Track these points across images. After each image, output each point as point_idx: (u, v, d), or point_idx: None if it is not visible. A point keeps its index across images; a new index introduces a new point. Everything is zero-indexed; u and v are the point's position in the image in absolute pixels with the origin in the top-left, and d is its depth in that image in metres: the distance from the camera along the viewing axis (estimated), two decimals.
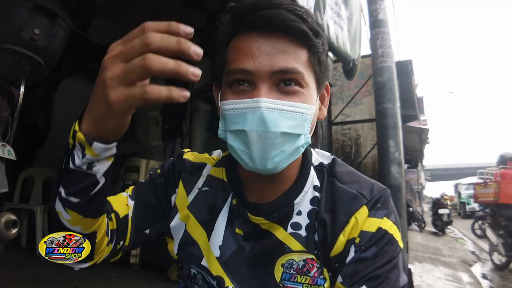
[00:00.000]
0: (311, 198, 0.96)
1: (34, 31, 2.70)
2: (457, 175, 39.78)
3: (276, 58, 0.82)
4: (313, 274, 0.92)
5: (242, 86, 0.84)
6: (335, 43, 3.79)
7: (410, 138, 11.19)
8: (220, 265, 0.98)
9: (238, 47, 0.86)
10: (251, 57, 0.82)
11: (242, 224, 0.98)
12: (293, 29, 0.82)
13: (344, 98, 6.40)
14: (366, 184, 0.96)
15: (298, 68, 0.83)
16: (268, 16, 0.81)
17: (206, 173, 1.08)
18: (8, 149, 2.49)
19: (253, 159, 0.83)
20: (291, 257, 0.94)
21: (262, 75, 0.82)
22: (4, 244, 2.30)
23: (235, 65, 0.84)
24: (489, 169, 8.68)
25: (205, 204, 1.03)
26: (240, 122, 0.82)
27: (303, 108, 0.84)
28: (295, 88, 0.84)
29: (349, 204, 0.91)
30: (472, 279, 6.77)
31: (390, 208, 0.93)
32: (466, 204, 22.39)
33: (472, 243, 11.91)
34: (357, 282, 0.84)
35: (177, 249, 1.05)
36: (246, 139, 0.82)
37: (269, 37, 0.83)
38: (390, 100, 4.44)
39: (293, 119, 0.83)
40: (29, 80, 2.94)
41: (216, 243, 0.99)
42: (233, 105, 0.84)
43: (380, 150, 4.49)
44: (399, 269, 0.88)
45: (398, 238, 0.90)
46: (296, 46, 0.84)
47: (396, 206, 3.31)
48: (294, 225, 0.95)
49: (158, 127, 6.21)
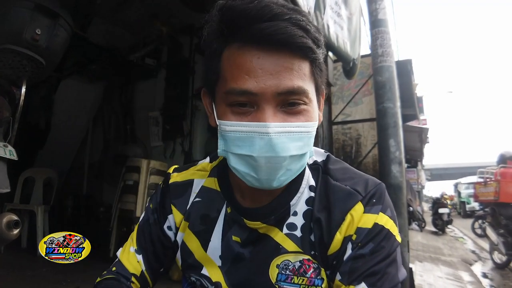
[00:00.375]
0: (307, 198, 0.96)
1: (36, 31, 2.70)
2: (457, 175, 39.78)
3: (281, 77, 0.78)
4: (310, 275, 0.92)
5: (245, 108, 0.81)
6: (335, 42, 3.80)
7: (410, 138, 11.19)
8: (221, 273, 1.00)
9: (237, 62, 0.80)
10: (254, 76, 0.78)
11: (239, 232, 0.98)
12: (298, 45, 0.78)
13: (345, 97, 6.41)
14: (361, 180, 0.95)
15: (303, 86, 0.80)
16: (272, 31, 0.75)
17: (197, 187, 1.08)
18: (10, 150, 2.49)
19: (260, 181, 0.82)
20: (287, 258, 0.94)
21: (267, 97, 0.78)
22: (5, 244, 2.29)
23: (236, 85, 0.79)
24: (489, 168, 8.67)
25: (198, 214, 1.04)
26: (246, 146, 0.80)
27: (309, 127, 0.83)
28: (300, 108, 0.82)
29: (344, 201, 0.90)
30: (472, 278, 6.77)
31: (386, 202, 0.92)
32: (466, 204, 22.39)
33: (472, 242, 11.90)
34: (355, 279, 0.84)
35: (180, 260, 1.08)
36: (254, 164, 0.80)
37: (271, 53, 0.78)
38: (390, 99, 4.44)
39: (300, 140, 0.82)
40: (31, 80, 2.94)
41: (216, 253, 1.00)
42: (237, 127, 0.81)
43: (381, 150, 4.49)
44: (397, 264, 0.88)
45: (395, 232, 0.89)
46: (300, 61, 0.80)
47: (397, 205, 3.30)
48: (289, 225, 0.95)
49: (159, 127, 6.20)
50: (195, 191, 1.07)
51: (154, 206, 1.11)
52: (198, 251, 1.03)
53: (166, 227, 1.08)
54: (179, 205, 1.07)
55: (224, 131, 0.83)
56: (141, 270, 1.06)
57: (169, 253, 1.10)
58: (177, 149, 5.84)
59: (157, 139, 6.24)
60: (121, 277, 1.04)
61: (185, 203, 1.07)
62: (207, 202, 1.04)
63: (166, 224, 1.08)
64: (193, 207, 1.05)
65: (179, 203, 1.07)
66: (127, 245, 1.11)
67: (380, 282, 0.83)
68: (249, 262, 0.97)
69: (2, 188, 2.37)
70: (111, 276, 1.03)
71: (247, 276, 0.97)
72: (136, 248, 1.08)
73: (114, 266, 1.07)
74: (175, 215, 1.07)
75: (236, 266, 0.98)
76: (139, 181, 4.53)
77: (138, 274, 1.05)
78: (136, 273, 1.05)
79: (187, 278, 1.09)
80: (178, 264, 1.10)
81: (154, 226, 1.09)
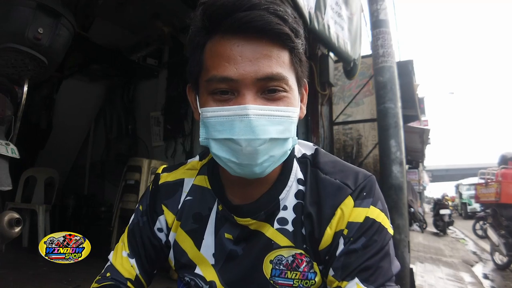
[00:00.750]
0: (296, 192, 0.96)
1: (38, 30, 2.70)
2: (458, 176, 39.72)
3: (260, 64, 0.79)
4: (302, 269, 0.92)
5: (226, 95, 0.82)
6: (336, 43, 3.80)
7: (411, 139, 11.19)
8: (215, 272, 1.00)
9: (218, 51, 0.82)
10: (234, 63, 0.79)
11: (230, 229, 0.98)
12: (276, 32, 0.79)
13: (346, 98, 6.40)
14: (351, 173, 0.95)
15: (282, 73, 0.81)
16: (249, 19, 0.77)
17: (188, 186, 1.08)
18: (12, 148, 2.50)
19: (242, 166, 0.82)
20: (280, 253, 0.94)
21: (246, 82, 0.79)
22: (6, 242, 2.30)
23: (217, 72, 0.81)
24: (490, 169, 8.67)
25: (190, 213, 1.04)
26: (226, 130, 0.80)
27: (290, 112, 0.84)
28: (280, 94, 0.83)
29: (334, 195, 0.90)
30: (473, 279, 6.76)
31: (376, 195, 0.92)
32: (467, 205, 22.38)
33: (473, 244, 11.89)
34: (348, 274, 0.84)
35: (173, 260, 1.08)
36: (234, 148, 0.81)
37: (250, 41, 0.79)
38: (391, 100, 4.44)
39: (280, 124, 0.82)
40: (33, 79, 2.95)
41: (209, 252, 1.00)
42: (218, 112, 0.82)
43: (382, 150, 4.49)
44: (390, 257, 0.88)
45: (386, 225, 0.89)
46: (279, 49, 0.82)
47: (398, 205, 3.31)
48: (280, 220, 0.95)
49: (160, 127, 6.22)
50: (185, 190, 1.07)
51: (144, 208, 1.10)
52: (192, 250, 1.02)
53: (157, 229, 1.08)
54: (170, 205, 1.07)
55: (206, 117, 0.84)
56: (136, 274, 1.05)
57: (161, 255, 1.10)
58: (179, 149, 5.86)
59: (159, 138, 6.26)
60: (117, 283, 1.03)
61: (176, 203, 1.06)
62: (199, 200, 1.04)
63: (156, 226, 1.08)
64: (184, 206, 1.05)
65: (171, 203, 1.07)
66: (119, 249, 1.10)
67: (373, 277, 0.83)
68: (243, 259, 0.97)
69: (4, 185, 2.38)
70: (110, 283, 1.02)
71: (241, 273, 0.97)
72: (129, 252, 1.07)
73: (108, 272, 1.06)
74: (167, 216, 1.06)
75: (229, 264, 0.98)
76: (140, 181, 4.55)
77: (133, 279, 1.05)
78: (131, 278, 1.05)
79: (182, 278, 1.09)
80: (172, 264, 1.09)
81: (145, 229, 1.08)
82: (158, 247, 1.08)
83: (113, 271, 1.05)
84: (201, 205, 1.03)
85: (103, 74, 6.79)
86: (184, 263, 1.04)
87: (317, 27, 3.29)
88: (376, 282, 0.83)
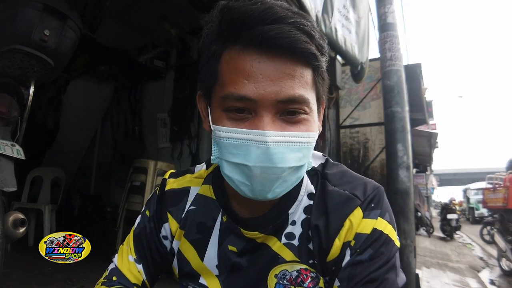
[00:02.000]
0: (305, 206, 0.93)
1: (44, 32, 2.71)
2: (466, 180, 39.50)
3: (282, 84, 0.74)
4: (307, 285, 0.90)
5: (242, 114, 0.77)
6: (343, 46, 3.79)
7: (419, 143, 11.13)
8: (219, 283, 0.98)
9: (236, 66, 0.76)
10: (253, 81, 0.74)
11: (235, 241, 0.96)
12: (302, 51, 0.74)
13: (353, 101, 6.38)
14: (359, 184, 0.92)
15: (305, 95, 0.77)
16: (274, 34, 0.71)
17: (193, 195, 1.06)
18: (17, 149, 2.51)
19: (254, 191, 0.79)
20: (284, 268, 0.92)
21: (265, 104, 0.75)
22: (11, 242, 2.31)
23: (234, 90, 0.75)
24: (498, 174, 8.61)
25: (194, 222, 1.02)
26: (242, 155, 0.76)
27: (310, 138, 0.80)
28: (300, 117, 0.79)
29: (342, 206, 0.88)
30: (480, 285, 6.72)
31: (384, 207, 0.89)
32: (475, 210, 22.26)
33: (480, 249, 11.81)
34: (354, 286, 0.82)
35: (177, 268, 1.06)
36: (248, 174, 0.77)
37: (272, 58, 0.74)
38: (399, 103, 4.43)
39: (299, 151, 0.79)
40: (39, 81, 2.96)
41: (212, 263, 0.99)
42: (232, 134, 0.77)
43: (388, 154, 4.48)
44: (397, 269, 0.86)
45: (393, 237, 0.87)
46: (302, 68, 0.77)
47: (404, 210, 3.29)
48: (288, 235, 0.92)
49: (166, 129, 6.23)
50: (190, 199, 1.05)
51: (151, 214, 1.09)
52: (195, 260, 1.01)
53: (162, 236, 1.07)
54: (175, 213, 1.05)
55: (219, 137, 0.79)
56: (143, 280, 1.05)
57: (166, 262, 1.09)
58: (185, 151, 5.86)
59: (165, 140, 6.26)
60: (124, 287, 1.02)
61: (180, 211, 1.04)
62: (202, 210, 1.02)
63: (162, 233, 1.07)
64: (188, 216, 1.03)
65: (175, 211, 1.05)
66: (124, 252, 1.08)
67: None
68: (247, 272, 0.95)
69: (9, 186, 2.39)
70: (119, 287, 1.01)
71: (245, 286, 0.95)
72: (136, 257, 1.06)
73: (114, 275, 1.04)
74: (171, 224, 1.05)
75: (234, 275, 0.96)
76: (146, 182, 4.55)
77: (139, 284, 1.04)
78: (138, 283, 1.04)
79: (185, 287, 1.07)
80: (175, 272, 1.08)
81: (151, 235, 1.07)
82: (164, 253, 1.07)
83: (120, 275, 1.04)
84: (205, 215, 1.01)
85: (110, 75, 6.84)
86: (188, 272, 1.03)
87: (324, 30, 3.29)
88: None
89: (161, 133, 6.33)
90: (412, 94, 5.92)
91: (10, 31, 2.68)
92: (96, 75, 6.74)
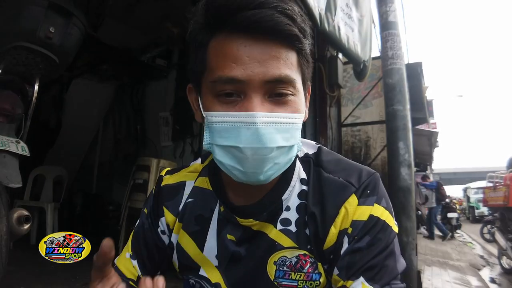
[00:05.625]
0: (299, 192, 0.94)
1: (49, 29, 2.72)
2: (466, 179, 39.41)
3: (268, 65, 0.77)
4: (307, 270, 0.91)
5: (232, 97, 0.79)
6: (346, 44, 3.79)
7: (419, 141, 11.12)
8: (219, 273, 0.99)
9: (223, 51, 0.79)
10: (241, 64, 0.76)
11: (233, 230, 0.96)
12: (285, 33, 0.77)
13: (354, 99, 6.37)
14: (354, 170, 0.93)
15: (291, 75, 0.79)
16: (258, 18, 0.74)
17: (189, 188, 1.07)
18: (22, 145, 2.52)
19: (246, 174, 0.81)
20: (283, 254, 0.92)
21: (254, 84, 0.77)
22: (15, 240, 2.32)
23: (223, 73, 0.78)
24: (499, 173, 8.62)
25: (192, 214, 1.03)
26: (232, 137, 0.78)
27: (296, 118, 0.82)
28: (288, 98, 0.81)
29: (338, 194, 0.89)
30: (480, 283, 6.71)
31: (380, 193, 0.90)
32: (475, 208, 22.22)
33: (481, 247, 11.81)
34: (353, 274, 0.82)
35: (177, 262, 1.07)
36: (239, 156, 0.78)
37: (258, 41, 0.77)
38: (400, 102, 4.43)
39: (287, 131, 0.80)
40: (43, 78, 2.97)
41: (212, 253, 0.99)
42: (223, 118, 0.79)
43: (390, 152, 4.47)
44: (396, 255, 0.86)
45: (391, 223, 0.87)
46: (287, 50, 0.79)
47: (406, 208, 3.29)
48: (283, 221, 0.93)
49: (169, 127, 6.24)
50: (187, 192, 1.06)
51: (148, 211, 1.10)
52: (194, 252, 1.01)
53: (160, 231, 1.07)
54: (171, 206, 1.06)
55: (211, 122, 0.81)
56: (137, 275, 1.05)
57: (165, 257, 1.10)
58: (187, 149, 5.88)
59: (167, 139, 6.28)
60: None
61: (177, 204, 1.05)
62: (200, 202, 1.03)
63: (159, 228, 1.07)
64: (186, 208, 1.04)
65: (171, 205, 1.06)
66: (124, 250, 1.11)
67: (378, 276, 0.82)
68: (247, 261, 0.95)
69: (14, 183, 2.40)
70: None
71: (246, 275, 0.96)
72: (131, 253, 1.08)
73: None
74: (167, 217, 1.05)
75: (233, 265, 0.97)
76: (148, 180, 4.56)
77: (135, 279, 1.05)
78: (133, 278, 1.05)
79: (187, 280, 1.09)
80: (175, 266, 1.08)
81: (149, 231, 1.08)
82: (162, 249, 1.08)
83: (116, 271, 1.03)
84: (203, 206, 1.02)
85: (113, 74, 6.84)
86: (188, 265, 1.03)
87: (327, 28, 3.29)
88: (382, 280, 0.82)
89: (163, 131, 6.35)
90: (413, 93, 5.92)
91: (15, 28, 2.69)
92: (99, 74, 6.74)
